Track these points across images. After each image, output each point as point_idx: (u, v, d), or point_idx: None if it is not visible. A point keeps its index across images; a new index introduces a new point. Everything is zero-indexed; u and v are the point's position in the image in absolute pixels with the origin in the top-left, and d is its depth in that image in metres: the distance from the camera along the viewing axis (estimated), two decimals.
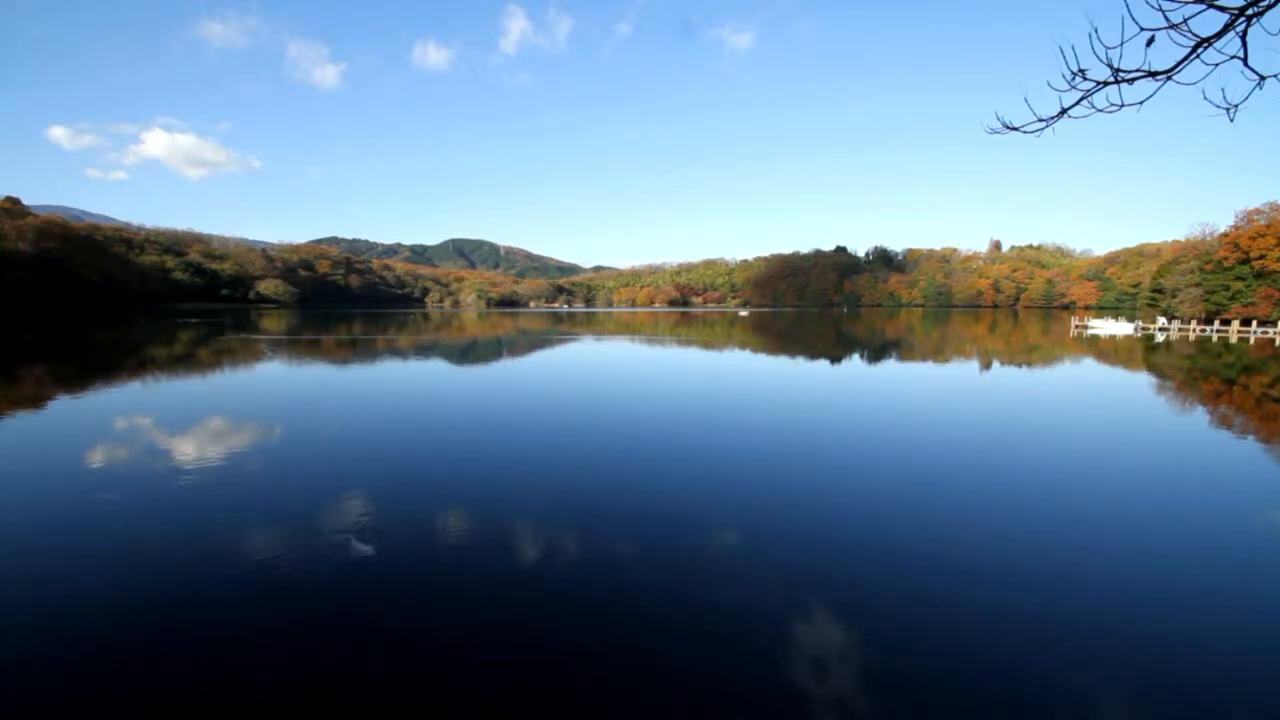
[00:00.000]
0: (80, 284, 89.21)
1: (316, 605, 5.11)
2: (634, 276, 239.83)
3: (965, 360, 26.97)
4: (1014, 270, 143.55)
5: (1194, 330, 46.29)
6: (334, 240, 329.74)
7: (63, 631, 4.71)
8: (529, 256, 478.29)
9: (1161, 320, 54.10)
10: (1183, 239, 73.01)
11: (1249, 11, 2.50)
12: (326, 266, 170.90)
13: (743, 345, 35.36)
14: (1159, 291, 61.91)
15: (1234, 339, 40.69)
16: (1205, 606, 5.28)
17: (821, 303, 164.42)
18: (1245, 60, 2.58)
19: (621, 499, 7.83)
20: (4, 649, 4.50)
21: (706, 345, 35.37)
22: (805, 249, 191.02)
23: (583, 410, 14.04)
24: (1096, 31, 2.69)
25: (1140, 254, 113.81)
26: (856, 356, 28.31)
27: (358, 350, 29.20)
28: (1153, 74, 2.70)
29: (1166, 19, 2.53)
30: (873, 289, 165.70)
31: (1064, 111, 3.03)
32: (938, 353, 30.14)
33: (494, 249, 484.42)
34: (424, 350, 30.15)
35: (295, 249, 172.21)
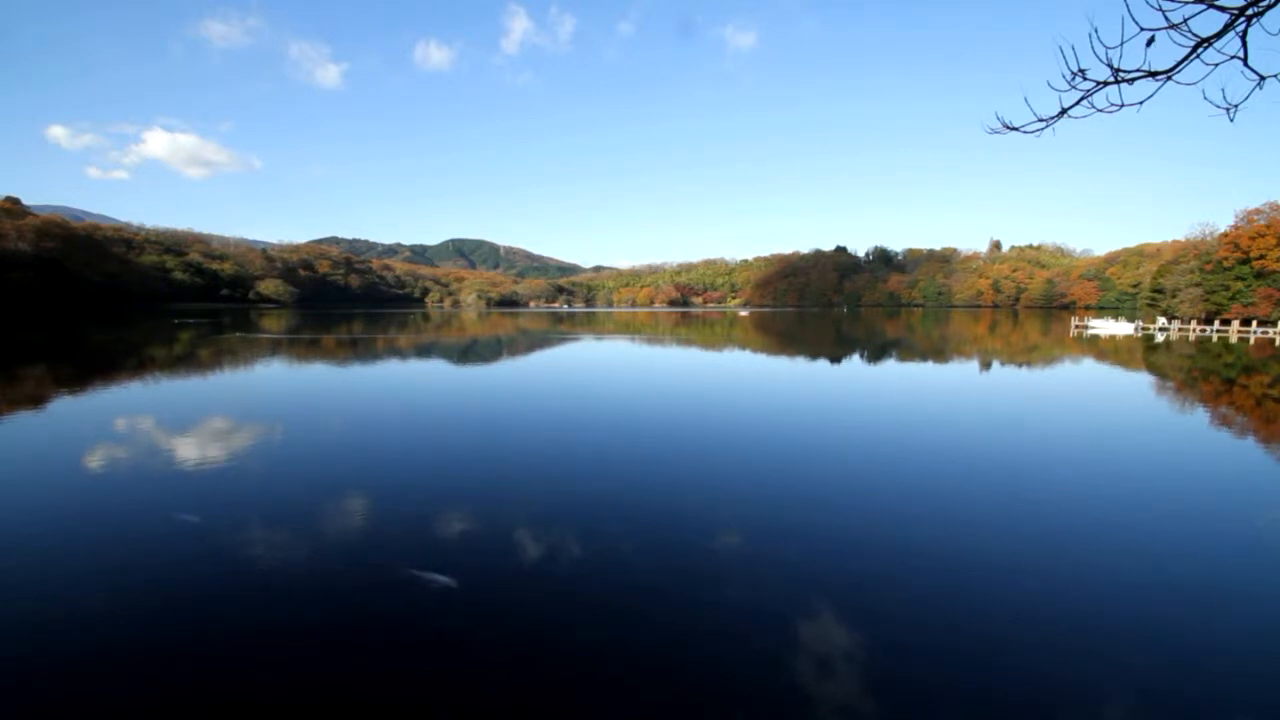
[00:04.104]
0: (80, 284, 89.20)
1: (317, 605, 5.10)
2: (634, 276, 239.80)
3: (966, 360, 26.96)
4: (1014, 270, 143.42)
5: (1194, 330, 46.26)
6: (334, 240, 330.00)
7: (64, 630, 4.71)
8: (529, 256, 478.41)
9: (1161, 320, 54.07)
10: (1183, 239, 72.98)
11: (1249, 11, 2.50)
12: (326, 266, 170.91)
13: (743, 345, 35.35)
14: (1159, 291, 61.89)
15: (1234, 339, 40.68)
16: (1209, 606, 5.28)
17: (821, 303, 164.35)
18: (1245, 60, 2.58)
19: (622, 498, 7.83)
20: (5, 648, 4.50)
21: (707, 345, 35.36)
22: (805, 249, 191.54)
23: (583, 410, 14.04)
24: (1096, 31, 2.69)
25: (1140, 254, 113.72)
26: (857, 357, 28.31)
27: (358, 350, 29.20)
28: (1153, 74, 2.70)
29: (1166, 19, 2.53)
30: (873, 289, 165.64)
31: (1064, 111, 3.03)
32: (938, 353, 30.14)
33: (494, 249, 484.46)
34: (424, 350, 30.14)
35: (295, 249, 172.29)
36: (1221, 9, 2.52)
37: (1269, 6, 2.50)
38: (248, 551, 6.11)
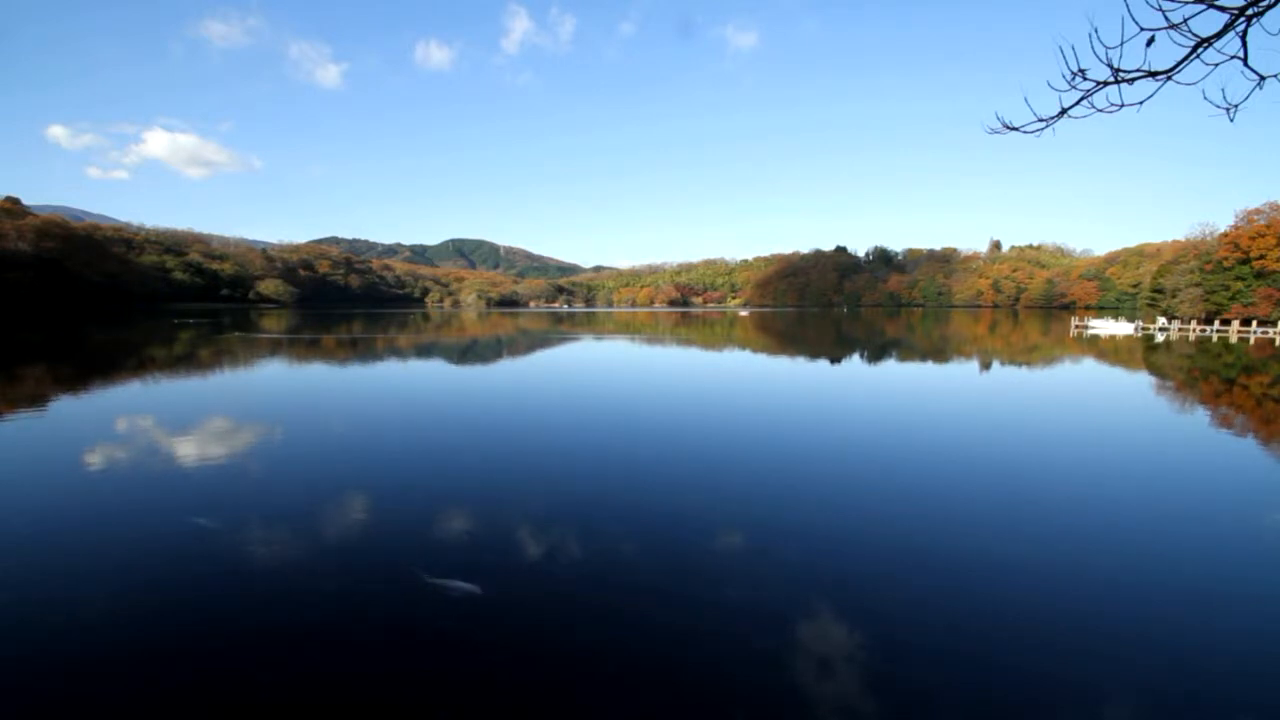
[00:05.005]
0: (80, 284, 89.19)
1: (317, 605, 5.10)
2: (634, 276, 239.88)
3: (966, 360, 26.97)
4: (1014, 270, 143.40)
5: (1194, 330, 46.26)
6: (334, 240, 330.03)
7: (64, 630, 4.71)
8: (529, 256, 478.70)
9: (1161, 320, 54.06)
10: (1183, 239, 72.97)
11: (1249, 11, 2.50)
12: (326, 266, 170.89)
13: (743, 345, 35.35)
14: (1159, 291, 61.89)
15: (1234, 339, 40.67)
16: (1209, 606, 5.28)
17: (821, 303, 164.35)
18: (1245, 60, 2.58)
19: (622, 498, 7.82)
20: (5, 648, 4.50)
21: (707, 346, 35.36)
22: (805, 249, 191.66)
23: (583, 410, 14.04)
24: (1096, 31, 2.69)
25: (1140, 254, 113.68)
26: (857, 357, 28.31)
27: (358, 350, 29.20)
28: (1153, 74, 2.70)
29: (1166, 19, 2.53)
30: (873, 289, 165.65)
31: (1064, 111, 3.03)
32: (938, 353, 30.14)
33: (494, 249, 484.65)
34: (424, 350, 30.14)
35: (295, 249, 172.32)
36: (1221, 9, 2.52)
37: (1269, 6, 2.50)
38: (247, 551, 6.11)
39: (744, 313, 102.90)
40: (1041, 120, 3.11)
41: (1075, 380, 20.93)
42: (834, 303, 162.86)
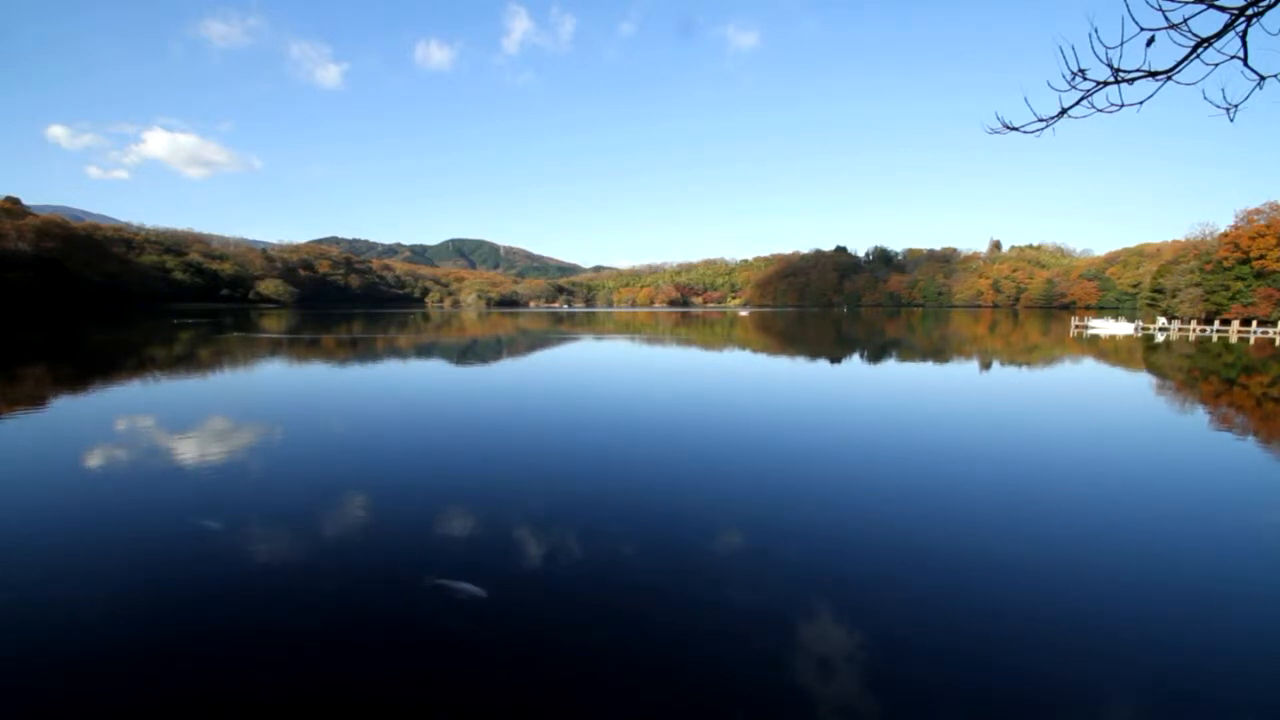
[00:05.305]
0: (80, 284, 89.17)
1: (317, 605, 5.10)
2: (634, 276, 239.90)
3: (966, 360, 26.96)
4: (1014, 270, 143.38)
5: (1194, 330, 46.24)
6: (334, 240, 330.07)
7: (64, 630, 4.71)
8: (529, 256, 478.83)
9: (1161, 320, 54.04)
10: (1183, 239, 72.93)
11: (1249, 11, 2.50)
12: (326, 266, 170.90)
13: (743, 345, 35.34)
14: (1159, 291, 61.88)
15: (1234, 339, 40.66)
16: (1209, 606, 5.27)
17: (821, 303, 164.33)
18: (1245, 60, 2.59)
19: (622, 499, 7.82)
20: (5, 648, 4.50)
21: (707, 345, 35.35)
22: (805, 249, 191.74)
23: (583, 410, 14.03)
24: (1096, 31, 2.69)
25: (1140, 254, 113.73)
26: (857, 357, 28.30)
27: (358, 350, 29.20)
28: (1153, 74, 2.70)
29: (1166, 19, 2.53)
30: (873, 289, 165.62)
31: (1064, 111, 3.03)
32: (938, 353, 30.13)
33: (494, 249, 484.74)
34: (424, 350, 30.14)
35: (295, 249, 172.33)
36: (1221, 9, 2.52)
37: (1269, 6, 2.50)
38: (247, 552, 6.11)
39: (744, 313, 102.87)
40: (1041, 120, 3.11)
41: (1075, 380, 20.92)
42: (834, 303, 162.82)
